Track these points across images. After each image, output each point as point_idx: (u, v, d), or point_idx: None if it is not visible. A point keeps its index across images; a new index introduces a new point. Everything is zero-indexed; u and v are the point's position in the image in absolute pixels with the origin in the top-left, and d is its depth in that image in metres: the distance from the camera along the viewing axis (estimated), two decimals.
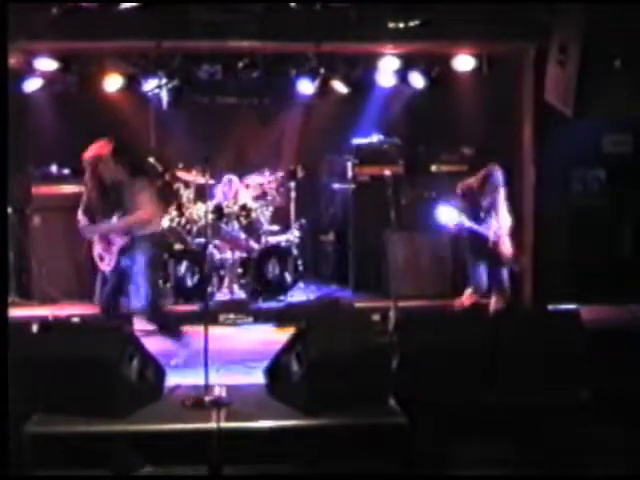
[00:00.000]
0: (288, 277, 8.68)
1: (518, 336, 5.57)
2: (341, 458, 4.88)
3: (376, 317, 7.08)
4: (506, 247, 7.12)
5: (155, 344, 6.12)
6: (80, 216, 6.54)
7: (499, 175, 7.08)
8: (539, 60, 7.66)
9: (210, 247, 8.39)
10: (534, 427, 5.11)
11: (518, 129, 8.55)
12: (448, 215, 6.88)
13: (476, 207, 7.00)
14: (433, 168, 9.06)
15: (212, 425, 4.95)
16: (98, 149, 6.42)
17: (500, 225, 7.07)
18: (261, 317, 8.14)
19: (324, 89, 9.04)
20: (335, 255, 9.46)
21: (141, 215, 6.33)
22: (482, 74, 8.78)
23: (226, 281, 8.61)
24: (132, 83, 8.62)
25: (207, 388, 5.41)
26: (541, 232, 8.32)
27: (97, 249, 6.54)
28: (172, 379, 5.67)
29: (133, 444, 4.80)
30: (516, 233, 8.55)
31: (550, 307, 6.96)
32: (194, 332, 6.42)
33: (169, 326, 6.64)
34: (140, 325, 6.79)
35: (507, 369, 5.36)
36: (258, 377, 5.71)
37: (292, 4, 7.26)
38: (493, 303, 7.07)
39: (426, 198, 8.71)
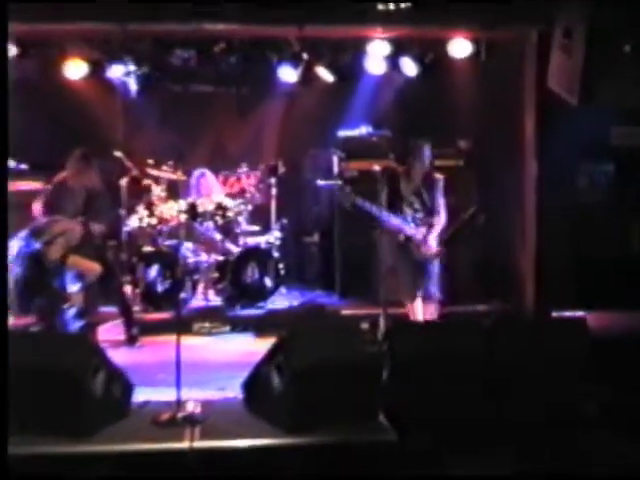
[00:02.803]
0: (268, 282, 8.69)
1: (519, 345, 5.60)
2: None
3: (365, 325, 7.14)
4: (429, 246, 7.21)
5: (123, 355, 6.11)
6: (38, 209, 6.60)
7: (427, 153, 7.22)
8: (542, 45, 7.70)
9: (183, 249, 8.39)
10: (536, 443, 5.13)
11: (519, 120, 8.59)
12: None
13: (397, 195, 7.08)
14: None
15: (185, 444, 4.94)
16: None
17: (434, 224, 7.21)
18: (239, 325, 8.14)
19: (308, 77, 9.02)
20: (320, 258, 9.48)
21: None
22: (480, 60, 8.81)
23: (200, 286, 8.62)
24: (97, 70, 8.57)
25: (179, 404, 5.41)
26: (544, 232, 8.36)
27: None
28: (141, 394, 5.65)
29: (98, 466, 4.78)
30: (516, 232, 8.70)
31: (554, 314, 6.98)
32: (165, 342, 6.40)
33: None
34: (106, 334, 6.78)
35: (506, 381, 5.39)
36: (236, 391, 5.72)
37: None
38: (418, 311, 7.07)
39: None
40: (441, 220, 7.36)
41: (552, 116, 8.05)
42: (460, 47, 8.67)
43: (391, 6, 7.46)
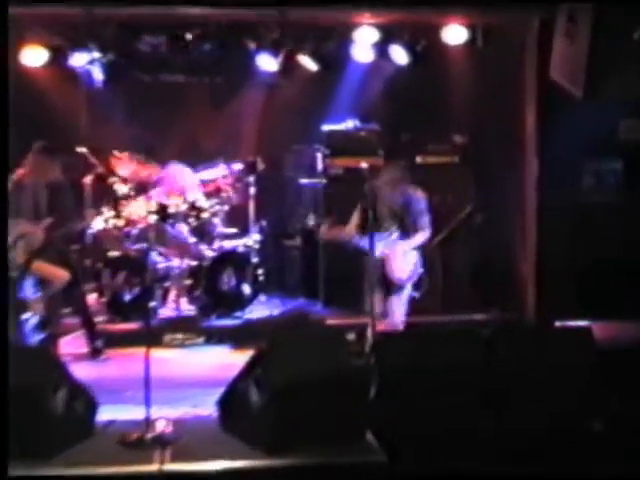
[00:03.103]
0: (246, 289, 8.69)
1: (520, 358, 5.61)
2: None
3: (351, 336, 7.15)
4: (397, 268, 7.07)
5: (86, 370, 6.10)
6: None
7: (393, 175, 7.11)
8: (544, 32, 7.75)
9: (153, 254, 8.37)
10: (537, 462, 5.14)
11: (519, 113, 8.64)
12: None
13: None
14: (419, 159, 9.11)
15: (154, 467, 4.93)
16: None
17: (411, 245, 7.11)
18: (214, 337, 8.14)
19: (289, 66, 9.01)
20: (302, 263, 9.47)
21: None
22: (476, 48, 8.82)
23: (172, 294, 8.60)
24: (58, 57, 8.50)
25: (149, 423, 5.39)
26: (546, 235, 8.41)
27: None
28: (107, 412, 5.63)
29: None
30: (516, 235, 8.73)
31: (557, 323, 7.04)
32: (133, 355, 6.39)
33: None
34: (68, 347, 6.75)
35: (507, 396, 5.39)
36: (210, 409, 5.70)
37: None
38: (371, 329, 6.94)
39: None
40: (422, 237, 7.21)
41: (554, 109, 8.08)
42: (455, 33, 8.70)
43: None
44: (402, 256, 7.10)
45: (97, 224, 8.44)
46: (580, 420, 5.41)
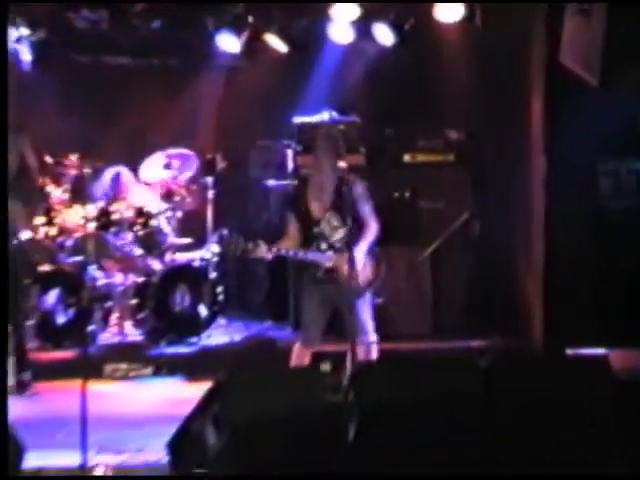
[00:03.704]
0: (203, 310, 8.69)
1: (523, 391, 5.60)
2: None
3: (326, 366, 7.09)
4: (354, 269, 6.70)
5: (11, 407, 6.03)
6: None
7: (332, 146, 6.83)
8: (553, 10, 7.74)
9: (91, 268, 8.35)
10: None
11: (523, 104, 8.65)
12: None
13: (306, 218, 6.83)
14: (407, 158, 9.16)
15: None
16: None
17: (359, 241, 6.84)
18: (164, 367, 8.13)
19: (254, 47, 9.05)
20: (270, 279, 9.48)
21: None
22: (474, 27, 8.89)
23: (114, 317, 8.60)
24: None
25: (85, 470, 5.33)
26: (555, 247, 8.39)
27: None
28: (34, 458, 5.57)
29: None
30: (520, 247, 8.75)
31: (568, 352, 7.04)
32: (67, 389, 6.36)
33: None
34: None
35: (508, 437, 5.40)
36: (159, 452, 5.63)
37: None
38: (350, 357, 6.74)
39: (397, 199, 8.81)
40: (371, 231, 6.90)
41: (565, 100, 8.11)
42: (449, 10, 8.76)
43: None
44: (356, 260, 6.74)
45: (25, 233, 8.37)
46: (596, 464, 5.41)
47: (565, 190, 8.38)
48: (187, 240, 9.04)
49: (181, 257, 8.90)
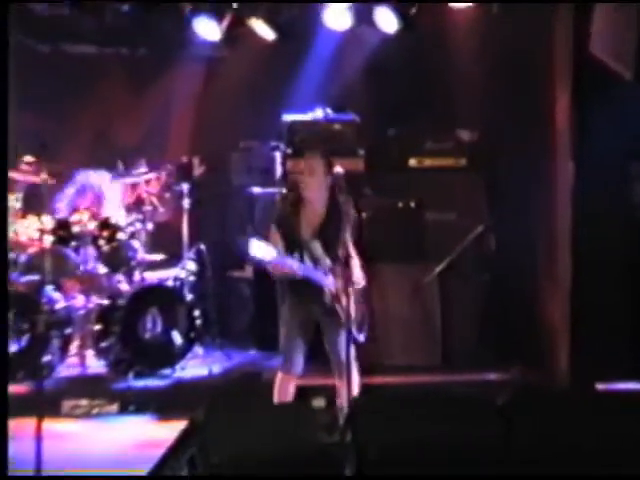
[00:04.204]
0: (177, 337, 8.65)
1: (547, 432, 5.60)
2: None
3: (319, 402, 7.11)
4: (350, 304, 6.88)
5: None
6: None
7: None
8: None
9: (48, 288, 8.34)
10: None
11: (547, 101, 8.62)
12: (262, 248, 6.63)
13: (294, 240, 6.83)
14: (412, 162, 9.18)
15: None
16: None
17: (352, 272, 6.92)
18: (132, 404, 8.08)
19: (237, 34, 9.05)
20: (255, 302, 9.48)
21: None
22: (491, 13, 8.89)
23: (74, 345, 8.56)
24: None
25: None
26: (583, 264, 8.38)
27: None
28: None
29: None
30: (543, 264, 8.73)
31: (599, 385, 7.14)
32: (19, 429, 6.33)
33: None
34: None
35: None
36: None
37: None
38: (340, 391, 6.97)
39: (402, 209, 8.83)
40: (355, 277, 6.95)
41: (595, 95, 8.11)
42: None
43: None
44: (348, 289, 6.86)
45: None
46: None
47: (594, 198, 8.38)
48: (159, 256, 9.01)
49: (152, 276, 8.87)
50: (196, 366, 8.76)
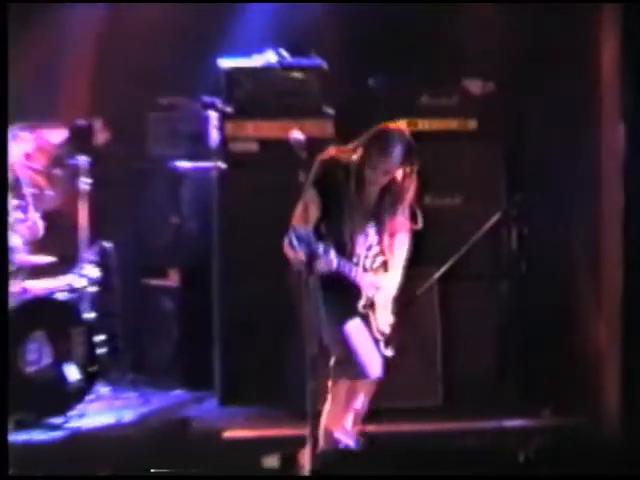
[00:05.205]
0: (73, 372, 8.54)
1: None
2: None
3: (272, 462, 6.92)
4: (382, 317, 7.28)
5: None
6: None
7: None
8: None
9: None
10: None
11: (592, 45, 8.46)
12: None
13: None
14: (401, 125, 8.95)
15: None
16: None
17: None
18: (11, 464, 7.55)
19: None
20: (182, 322, 9.50)
21: None
22: None
23: None
24: None
25: None
26: (637, 291, 8.23)
27: None
28: None
29: None
30: (584, 269, 8.67)
31: None
32: None
33: None
34: None
35: None
36: None
37: None
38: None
39: None
40: (395, 278, 7.32)
41: None
42: None
43: None
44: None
45: None
46: None
47: None
48: (47, 258, 8.85)
49: (37, 285, 8.70)
50: (100, 412, 8.68)
